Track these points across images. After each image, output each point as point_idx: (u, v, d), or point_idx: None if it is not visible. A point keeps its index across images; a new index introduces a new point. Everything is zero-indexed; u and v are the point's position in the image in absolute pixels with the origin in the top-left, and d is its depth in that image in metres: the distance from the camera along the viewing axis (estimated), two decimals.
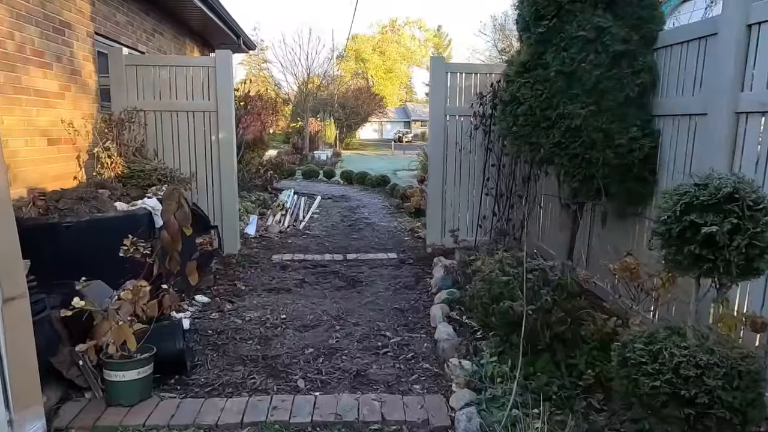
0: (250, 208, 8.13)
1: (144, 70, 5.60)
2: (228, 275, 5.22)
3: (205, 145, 5.79)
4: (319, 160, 19.97)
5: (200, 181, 5.83)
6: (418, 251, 6.35)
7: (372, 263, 5.84)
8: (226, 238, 5.94)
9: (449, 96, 5.93)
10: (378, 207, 9.81)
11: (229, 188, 5.88)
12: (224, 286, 4.89)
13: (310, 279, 5.20)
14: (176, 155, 5.76)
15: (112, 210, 3.74)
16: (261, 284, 4.99)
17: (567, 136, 3.73)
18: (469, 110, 5.75)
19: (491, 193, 5.73)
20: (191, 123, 5.74)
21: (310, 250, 6.41)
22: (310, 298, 4.62)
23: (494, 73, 5.82)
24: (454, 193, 6.12)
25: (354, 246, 6.69)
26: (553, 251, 5.47)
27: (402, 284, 5.05)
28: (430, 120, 6.01)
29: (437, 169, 6.02)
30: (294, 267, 5.61)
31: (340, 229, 7.77)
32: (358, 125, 38.81)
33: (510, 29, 33.66)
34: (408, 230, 7.56)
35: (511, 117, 4.08)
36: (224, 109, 5.71)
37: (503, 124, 4.19)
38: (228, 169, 5.84)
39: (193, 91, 5.70)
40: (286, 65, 28.24)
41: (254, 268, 5.51)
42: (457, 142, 5.94)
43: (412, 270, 5.56)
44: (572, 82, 3.74)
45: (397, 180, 14.68)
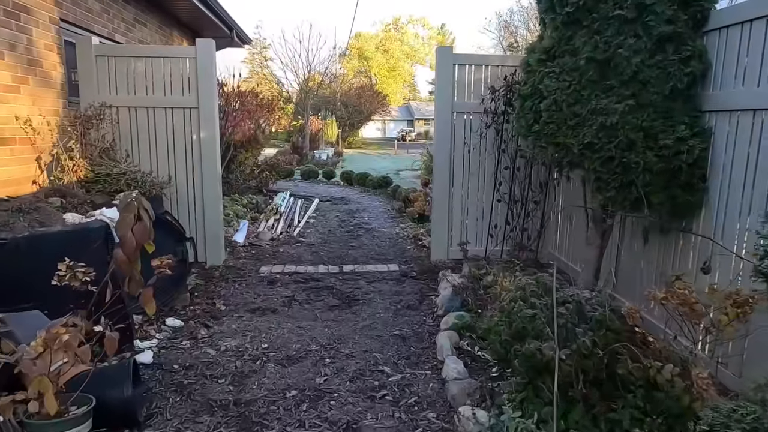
0: (241, 213, 7.56)
1: (117, 62, 5.02)
2: (208, 292, 4.64)
3: (185, 145, 5.22)
4: (320, 160, 19.39)
5: (180, 186, 5.26)
6: (421, 262, 5.76)
7: (371, 276, 5.25)
8: (209, 248, 5.37)
9: (457, 91, 5.34)
10: (379, 211, 9.22)
11: (212, 193, 5.30)
12: (202, 305, 4.31)
13: (301, 296, 4.61)
14: (153, 156, 5.18)
15: (59, 223, 3.16)
16: (244, 303, 4.41)
17: (600, 135, 3.14)
18: (479, 106, 5.16)
19: (504, 200, 5.13)
20: (170, 120, 5.16)
21: (303, 261, 5.82)
22: (299, 321, 4.03)
23: (507, 65, 5.24)
24: (462, 199, 5.53)
25: (352, 256, 6.10)
26: (574, 265, 4.88)
27: (404, 303, 4.46)
28: (436, 118, 5.42)
29: (443, 171, 5.43)
30: (283, 281, 5.03)
31: (338, 235, 7.19)
32: (361, 124, 38.24)
33: (515, 25, 33.05)
34: (411, 237, 6.97)
35: (531, 113, 3.48)
36: (207, 104, 5.13)
37: (522, 121, 3.59)
38: (211, 172, 5.26)
39: (171, 84, 5.12)
40: (286, 62, 27.61)
41: (239, 283, 4.93)
42: (465, 141, 5.35)
43: (415, 285, 4.97)
44: (606, 72, 3.15)
45: (400, 181, 14.10)
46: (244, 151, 9.38)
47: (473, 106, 5.30)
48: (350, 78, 42.57)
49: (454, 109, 5.34)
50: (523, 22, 32.58)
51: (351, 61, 53.33)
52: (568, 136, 3.24)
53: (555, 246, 5.42)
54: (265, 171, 9.88)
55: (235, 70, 7.27)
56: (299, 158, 18.77)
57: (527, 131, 3.53)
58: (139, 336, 3.62)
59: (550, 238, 5.41)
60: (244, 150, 9.32)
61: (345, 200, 10.43)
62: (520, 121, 3.63)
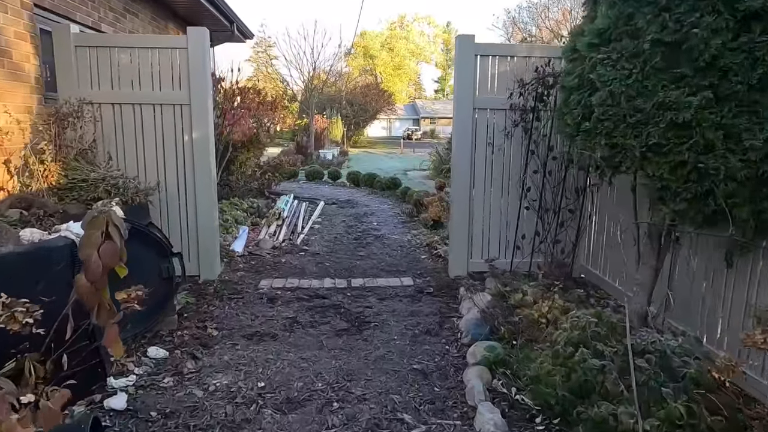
0: (241, 218, 7.02)
1: (99, 53, 4.48)
2: (199, 312, 4.10)
3: (176, 145, 4.68)
4: (325, 160, 18.85)
5: (170, 192, 4.72)
6: (438, 275, 5.20)
7: (382, 292, 4.69)
8: (203, 261, 4.83)
9: (479, 84, 4.77)
10: (388, 215, 8.66)
11: (206, 199, 4.76)
12: (191, 329, 3.77)
13: (304, 318, 4.07)
14: (140, 159, 4.64)
15: (12, 242, 2.62)
16: (239, 326, 3.86)
17: (669, 135, 2.56)
18: (505, 102, 4.59)
19: (533, 207, 4.56)
20: (159, 118, 4.63)
21: (307, 273, 5.28)
22: (302, 350, 3.49)
23: (535, 56, 4.67)
24: (484, 206, 4.97)
25: (360, 267, 5.54)
26: (612, 281, 4.31)
27: (422, 327, 3.90)
28: (455, 115, 4.85)
29: (463, 175, 4.86)
30: (285, 299, 4.48)
31: (345, 243, 6.63)
32: (367, 122, 37.68)
33: (525, 22, 32.37)
34: (424, 246, 6.41)
35: (579, 109, 2.91)
36: (199, 101, 4.59)
37: (567, 118, 3.02)
38: (205, 176, 4.72)
39: (160, 78, 4.58)
40: (290, 59, 27.06)
41: (235, 301, 4.38)
42: (488, 142, 4.78)
43: (433, 304, 4.41)
44: (677, 57, 2.57)
45: (408, 181, 13.54)
46: (246, 152, 8.84)
47: (497, 102, 4.74)
48: (355, 76, 42.02)
49: (475, 105, 4.78)
50: (532, 19, 31.92)
51: (356, 59, 52.89)
52: (627, 135, 2.67)
53: (587, 258, 4.84)
54: (268, 172, 9.34)
55: (236, 65, 6.68)
56: (304, 158, 18.24)
57: (574, 130, 2.95)
58: (114, 371, 3.08)
59: (581, 249, 4.84)
60: (245, 150, 8.78)
61: (352, 203, 9.89)
62: (564, 119, 3.06)
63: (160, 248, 3.61)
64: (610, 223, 4.46)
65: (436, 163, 15.92)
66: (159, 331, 3.68)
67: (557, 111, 3.28)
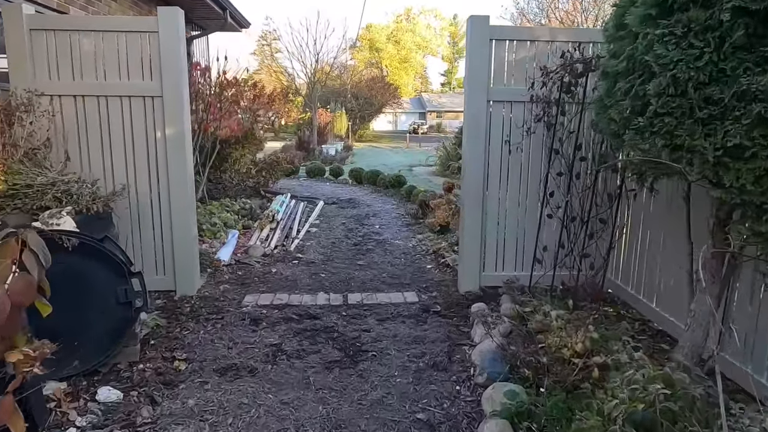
0: (231, 221, 6.46)
1: (57, 38, 3.90)
2: (169, 338, 3.53)
3: (147, 144, 4.10)
4: (327, 155, 18.25)
5: (141, 197, 4.15)
6: (446, 290, 4.60)
7: (382, 312, 4.11)
8: (180, 274, 4.26)
9: (494, 73, 4.15)
10: (392, 216, 8.06)
11: (182, 204, 4.18)
12: (156, 361, 3.20)
13: (290, 345, 3.49)
14: (106, 159, 4.07)
15: None
16: (213, 357, 3.29)
17: (755, 134, 1.94)
18: (525, 94, 3.97)
19: (556, 215, 3.94)
20: (126, 112, 4.05)
21: (299, 287, 4.70)
22: (284, 390, 2.91)
23: (559, 41, 4.05)
24: (500, 212, 4.37)
25: (359, 279, 4.96)
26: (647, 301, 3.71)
27: (427, 359, 3.31)
28: (466, 108, 4.24)
29: (475, 177, 4.25)
30: (271, 320, 3.91)
31: (343, 250, 6.05)
32: (372, 116, 37.09)
33: (535, 13, 31.51)
34: (430, 253, 5.81)
35: (628, 101, 2.29)
36: (173, 92, 4.00)
37: (611, 112, 2.40)
38: (180, 178, 4.14)
39: (128, 67, 3.99)
40: (292, 51, 26.42)
41: (212, 323, 3.81)
42: (505, 139, 4.17)
43: (440, 327, 3.82)
44: (765, 31, 1.95)
45: (413, 178, 12.96)
46: (240, 148, 8.27)
47: (515, 94, 4.13)
48: (361, 69, 41.37)
49: (490, 98, 4.16)
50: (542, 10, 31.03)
51: (362, 52, 52.22)
52: (695, 134, 2.05)
53: (616, 273, 4.23)
54: (264, 170, 8.76)
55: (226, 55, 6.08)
56: (305, 153, 17.65)
57: (621, 127, 2.34)
58: (51, 422, 2.52)
59: (617, 265, 4.23)
60: (239, 146, 8.22)
61: (353, 203, 9.29)
62: (608, 113, 2.45)
63: (117, 267, 3.03)
64: (645, 235, 3.84)
65: (443, 158, 15.31)
66: (117, 364, 3.12)
67: (596, 103, 2.66)
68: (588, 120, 3.77)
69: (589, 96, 3.67)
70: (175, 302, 4.15)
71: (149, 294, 4.17)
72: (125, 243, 4.14)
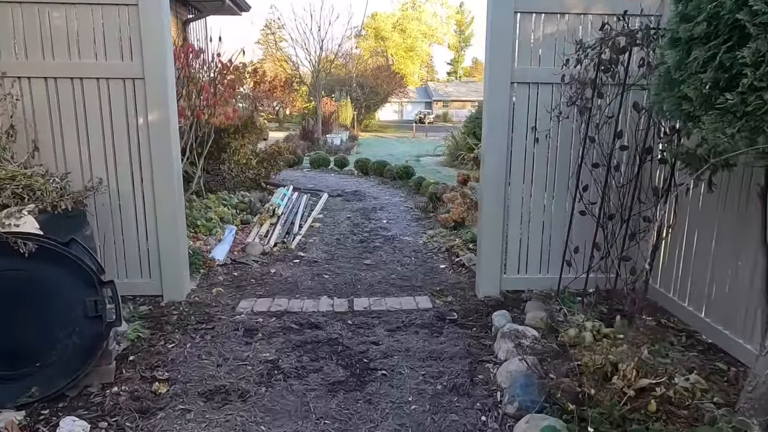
0: (228, 217, 6.02)
1: (25, 12, 3.45)
2: (151, 353, 3.11)
3: (128, 132, 3.66)
4: (332, 145, 17.76)
5: (123, 191, 3.71)
6: (463, 294, 4.16)
7: (393, 319, 3.67)
8: (166, 277, 3.84)
9: (519, 52, 3.67)
10: (400, 210, 7.60)
11: (168, 200, 3.74)
12: (133, 382, 2.78)
13: (288, 361, 3.06)
14: (82, 150, 3.64)
15: None
16: (199, 377, 2.86)
17: None
18: (555, 73, 3.49)
19: (591, 212, 3.47)
20: (104, 97, 3.60)
21: (300, 290, 4.27)
22: (279, 420, 2.48)
23: (594, 13, 3.55)
24: (524, 208, 3.90)
25: (366, 280, 4.52)
26: (703, 315, 3.24)
27: (446, 380, 2.86)
28: (487, 91, 3.76)
29: (496, 169, 3.79)
30: (267, 329, 3.48)
31: (348, 247, 5.60)
32: (378, 106, 36.48)
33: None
34: (443, 251, 5.36)
35: (710, 72, 1.81)
36: (156, 73, 3.55)
37: (685, 88, 1.92)
38: (165, 169, 3.69)
39: (106, 45, 3.54)
40: (296, 38, 25.83)
41: (201, 334, 3.39)
42: (531, 126, 3.69)
43: (458, 338, 3.37)
44: None
45: (421, 169, 12.48)
46: (240, 137, 7.82)
47: (543, 74, 3.65)
48: (366, 58, 40.67)
49: (513, 79, 3.68)
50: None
51: (367, 40, 51.48)
52: None
53: (657, 277, 3.76)
54: (265, 161, 8.30)
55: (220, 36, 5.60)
56: (310, 143, 17.17)
57: (698, 106, 1.86)
58: None
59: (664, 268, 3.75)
60: (239, 136, 7.77)
61: (359, 195, 8.84)
62: (678, 89, 1.97)
63: (85, 275, 2.60)
64: (692, 235, 3.36)
65: (452, 148, 14.78)
66: (88, 386, 2.70)
67: (660, 78, 2.17)
68: (631, 103, 3.28)
69: (633, 75, 3.18)
70: (162, 309, 3.73)
71: (135, 300, 3.80)
72: (105, 244, 3.72)
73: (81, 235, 3.02)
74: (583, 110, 3.32)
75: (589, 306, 3.44)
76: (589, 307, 3.42)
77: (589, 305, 3.47)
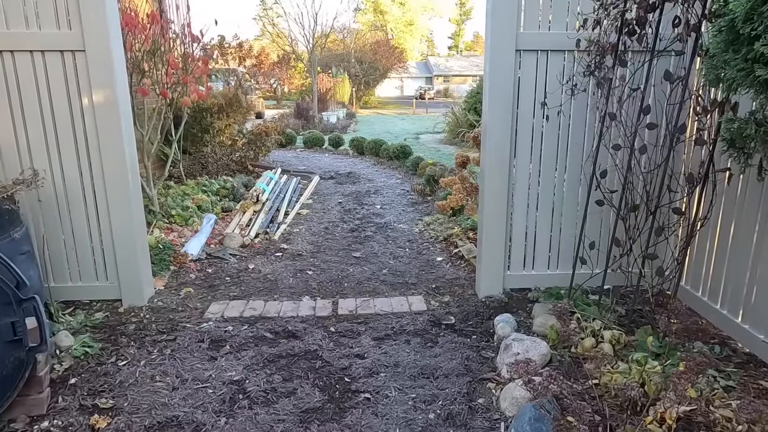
0: (207, 204, 5.54)
1: None
2: (96, 374, 2.66)
3: (72, 114, 3.15)
4: (328, 123, 17.16)
5: (70, 184, 3.22)
6: (461, 292, 3.71)
7: (381, 326, 3.21)
8: (124, 279, 3.38)
9: (525, 13, 3.13)
10: (396, 193, 7.11)
11: (121, 191, 3.25)
12: (70, 413, 2.34)
13: (256, 382, 2.61)
14: (20, 137, 3.13)
15: None
16: (149, 406, 2.42)
17: None
18: (567, 38, 2.95)
19: (609, 201, 2.97)
20: (41, 73, 3.08)
21: (279, 290, 3.81)
22: None
23: None
24: (530, 197, 3.42)
25: (354, 277, 4.06)
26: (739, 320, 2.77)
27: (440, 406, 2.42)
28: (488, 61, 3.22)
29: (499, 151, 3.29)
30: (237, 340, 3.03)
31: (337, 237, 5.13)
32: (377, 81, 35.62)
33: None
34: (440, 240, 4.88)
35: None
36: (99, 45, 3.02)
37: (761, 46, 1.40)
38: (116, 157, 3.19)
39: (37, 10, 3.00)
40: (289, 12, 24.92)
41: (159, 348, 2.94)
42: (541, 102, 3.17)
43: (455, 349, 2.92)
44: None
45: (420, 147, 11.96)
46: (225, 117, 7.30)
47: (553, 41, 3.11)
48: (365, 33, 39.57)
49: (519, 46, 3.14)
50: None
51: (366, 14, 50.23)
52: None
53: (685, 275, 3.28)
54: (252, 142, 7.78)
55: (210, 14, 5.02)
56: (304, 122, 16.56)
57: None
58: None
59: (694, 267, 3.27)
60: (223, 116, 7.24)
61: (353, 177, 8.33)
62: (747, 49, 1.45)
63: (0, 293, 2.14)
64: (728, 229, 2.87)
65: (452, 125, 14.20)
66: (12, 421, 2.26)
67: (723, 34, 1.64)
68: (661, 72, 2.75)
69: (667, 37, 2.64)
70: (120, 316, 3.28)
71: (91, 306, 3.35)
72: (50, 244, 3.25)
73: (7, 239, 2.55)
74: (603, 82, 2.79)
75: (606, 309, 2.97)
76: (607, 311, 2.96)
77: (605, 307, 3.01)
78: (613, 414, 2.20)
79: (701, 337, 2.89)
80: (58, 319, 3.09)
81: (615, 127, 2.96)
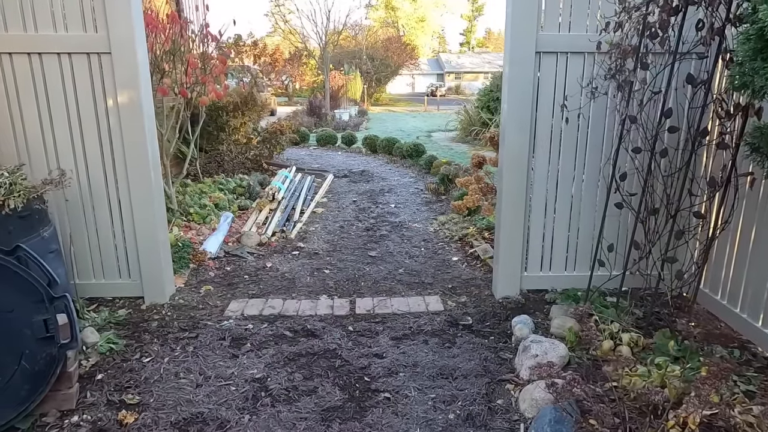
0: (224, 203, 5.61)
1: None
2: (122, 370, 2.73)
3: (97, 115, 3.21)
4: (340, 121, 17.19)
5: (94, 183, 3.29)
6: (478, 293, 3.73)
7: (399, 326, 3.25)
8: (147, 278, 3.45)
9: (546, 14, 3.13)
10: (409, 192, 7.13)
11: (144, 190, 3.32)
12: (98, 408, 2.41)
13: (278, 380, 2.66)
14: (47, 137, 3.20)
15: None
16: (174, 401, 2.48)
17: None
18: (588, 41, 2.95)
19: (629, 204, 2.97)
20: (67, 75, 3.15)
21: (297, 288, 3.86)
22: None
23: None
24: (548, 198, 3.42)
25: (370, 276, 4.10)
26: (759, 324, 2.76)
27: (459, 407, 2.45)
28: (507, 61, 3.23)
29: (518, 153, 3.30)
30: (257, 338, 3.08)
31: (353, 236, 5.17)
32: (389, 78, 35.58)
33: None
34: (456, 240, 4.90)
35: None
36: (124, 47, 3.08)
37: None
38: (139, 156, 3.25)
39: (65, 14, 3.07)
40: (301, 9, 24.97)
41: (182, 345, 3.00)
42: (560, 104, 3.17)
43: (473, 350, 2.95)
44: None
45: (432, 146, 11.96)
46: (241, 115, 7.36)
47: (573, 42, 3.11)
48: (376, 29, 39.56)
49: (539, 48, 3.15)
50: None
51: (377, 11, 50.14)
52: None
53: (702, 277, 3.27)
54: (267, 140, 7.84)
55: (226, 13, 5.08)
56: (317, 119, 16.62)
57: None
58: None
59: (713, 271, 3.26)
60: (239, 114, 7.30)
61: (366, 176, 8.36)
62: None
63: (32, 290, 2.20)
64: (749, 232, 2.86)
65: (464, 123, 14.16)
66: (44, 415, 2.33)
67: (753, 41, 1.65)
68: (683, 75, 2.74)
69: (690, 41, 2.63)
70: (142, 313, 3.35)
71: (114, 303, 3.43)
72: (76, 243, 3.32)
73: (37, 238, 2.62)
74: (624, 84, 2.79)
75: (624, 311, 2.98)
76: (625, 313, 2.97)
77: (623, 310, 3.01)
78: (633, 417, 2.21)
79: (720, 341, 2.89)
80: (83, 316, 3.16)
81: (635, 130, 2.95)
